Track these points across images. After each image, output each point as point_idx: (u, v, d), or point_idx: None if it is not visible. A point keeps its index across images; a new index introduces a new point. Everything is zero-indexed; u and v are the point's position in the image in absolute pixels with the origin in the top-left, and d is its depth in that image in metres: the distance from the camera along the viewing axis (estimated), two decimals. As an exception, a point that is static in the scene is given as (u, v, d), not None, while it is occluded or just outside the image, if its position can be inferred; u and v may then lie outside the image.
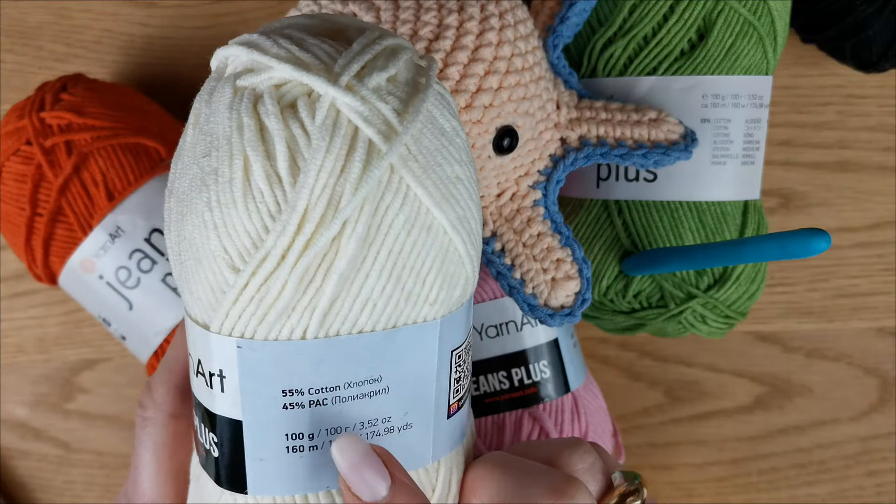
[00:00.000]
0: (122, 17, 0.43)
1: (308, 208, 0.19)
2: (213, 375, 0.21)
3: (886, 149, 0.45)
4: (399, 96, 0.20)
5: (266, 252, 0.19)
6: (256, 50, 0.20)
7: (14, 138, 0.36)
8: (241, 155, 0.19)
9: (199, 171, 0.20)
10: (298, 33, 0.20)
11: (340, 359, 0.20)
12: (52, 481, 0.45)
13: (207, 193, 0.19)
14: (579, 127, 0.34)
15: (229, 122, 0.19)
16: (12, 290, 0.44)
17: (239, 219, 0.19)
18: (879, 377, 0.46)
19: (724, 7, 0.35)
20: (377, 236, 0.20)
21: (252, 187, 0.19)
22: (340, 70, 0.19)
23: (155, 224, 0.36)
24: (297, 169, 0.19)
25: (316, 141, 0.19)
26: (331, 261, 0.19)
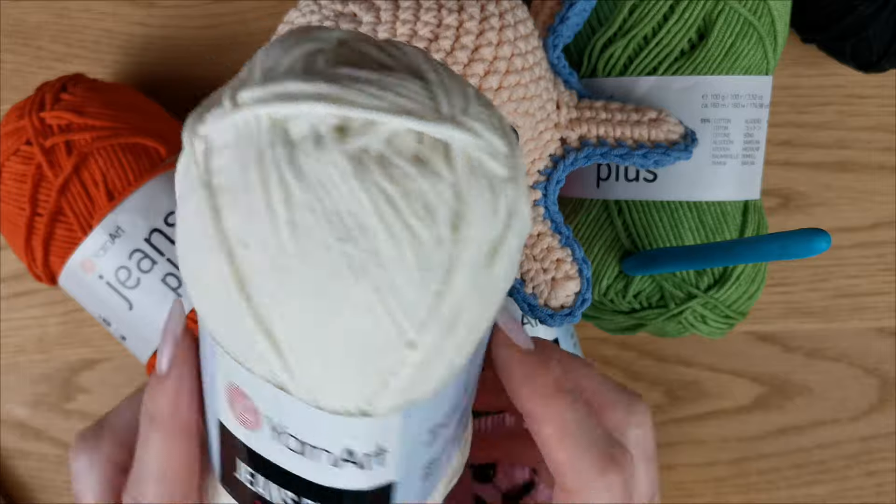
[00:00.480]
0: (121, 17, 0.43)
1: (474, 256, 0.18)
2: (352, 454, 0.20)
3: (886, 149, 0.45)
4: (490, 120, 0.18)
5: (437, 311, 0.18)
6: (345, 105, 0.17)
7: (14, 138, 0.36)
8: (404, 228, 0.17)
9: (340, 257, 0.17)
10: (366, 73, 0.17)
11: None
12: (52, 481, 0.45)
13: (368, 279, 0.17)
14: (579, 127, 0.34)
15: (369, 196, 0.17)
16: (12, 290, 0.44)
17: (413, 294, 0.17)
18: (879, 377, 0.46)
19: (724, 7, 0.35)
20: (498, 263, 0.18)
21: (420, 258, 0.17)
22: (449, 110, 0.17)
23: (155, 224, 0.36)
24: (458, 224, 0.17)
25: (466, 190, 0.17)
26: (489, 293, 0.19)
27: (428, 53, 0.19)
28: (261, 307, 0.18)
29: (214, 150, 0.18)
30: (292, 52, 0.18)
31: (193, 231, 0.18)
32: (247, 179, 0.17)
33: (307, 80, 0.17)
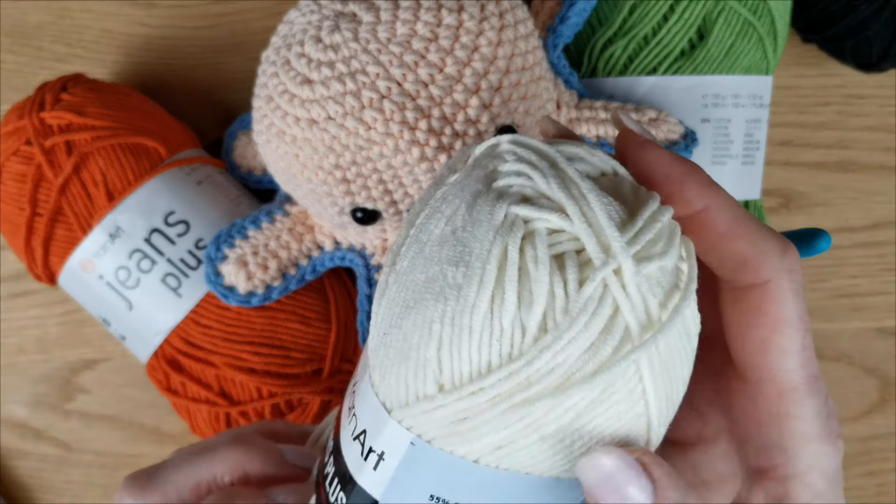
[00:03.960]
0: (122, 17, 0.43)
1: (541, 372, 0.18)
2: (371, 451, 0.21)
3: (886, 149, 0.45)
4: (664, 287, 0.19)
5: (480, 388, 0.18)
6: (545, 194, 0.18)
7: (14, 138, 0.36)
8: (494, 290, 0.18)
9: (440, 274, 0.18)
10: (584, 183, 0.18)
11: (497, 488, 0.20)
12: (52, 481, 0.45)
13: (444, 305, 0.18)
14: (579, 127, 0.34)
15: (491, 249, 0.18)
16: (12, 290, 0.44)
17: (467, 347, 0.18)
18: (879, 377, 0.46)
19: (724, 7, 0.35)
20: (590, 415, 0.19)
21: (493, 324, 0.18)
22: (622, 248, 0.18)
23: (155, 224, 0.36)
24: (546, 329, 0.18)
25: (575, 311, 0.18)
26: (539, 423, 0.19)
27: (665, 206, 0.20)
28: (391, 271, 0.20)
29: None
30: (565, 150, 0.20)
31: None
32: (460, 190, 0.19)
33: (546, 168, 0.19)
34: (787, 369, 0.20)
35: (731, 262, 0.20)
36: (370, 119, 0.29)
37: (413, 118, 0.29)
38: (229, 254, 0.36)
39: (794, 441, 0.21)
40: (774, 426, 0.21)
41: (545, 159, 0.19)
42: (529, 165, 0.19)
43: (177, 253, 0.36)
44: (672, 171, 0.20)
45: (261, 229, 0.36)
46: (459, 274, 0.18)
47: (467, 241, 0.18)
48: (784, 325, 0.20)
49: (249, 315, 0.36)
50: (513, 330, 0.18)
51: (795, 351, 0.20)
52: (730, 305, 0.21)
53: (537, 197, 0.19)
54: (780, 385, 0.20)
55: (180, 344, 0.37)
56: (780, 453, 0.21)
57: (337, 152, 0.31)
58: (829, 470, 0.21)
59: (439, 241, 0.19)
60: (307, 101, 0.30)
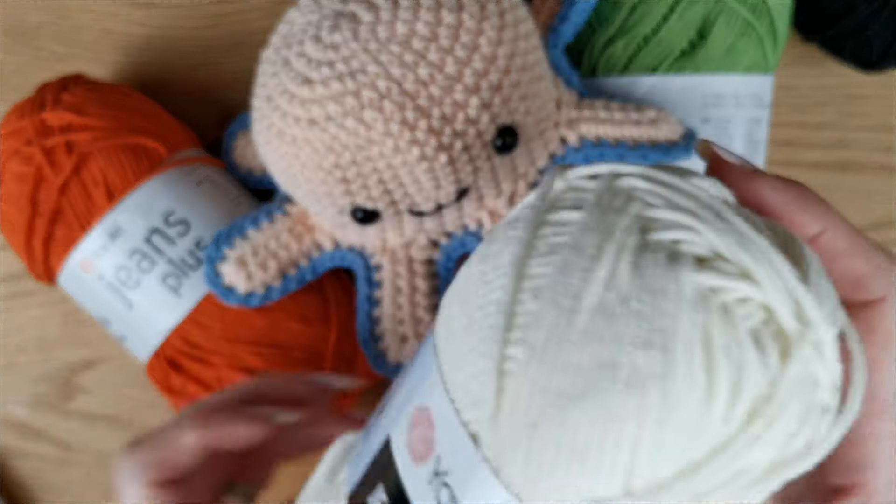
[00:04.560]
0: (121, 17, 0.43)
1: (752, 461, 0.16)
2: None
3: (886, 149, 0.45)
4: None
5: (681, 488, 0.16)
6: (722, 255, 0.16)
7: (14, 139, 0.36)
8: (707, 375, 0.15)
9: (623, 358, 0.15)
10: (761, 238, 0.16)
11: None
12: (52, 481, 0.45)
13: (640, 399, 0.15)
14: (579, 126, 0.34)
15: (691, 329, 0.15)
16: (12, 290, 0.44)
17: (672, 445, 0.16)
18: (880, 377, 0.46)
19: (725, 7, 0.35)
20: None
21: (704, 418, 0.16)
22: (822, 317, 0.16)
23: (155, 224, 0.36)
24: (755, 418, 0.16)
25: (784, 396, 0.16)
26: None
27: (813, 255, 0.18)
28: (513, 360, 0.16)
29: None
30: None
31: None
32: (586, 242, 0.16)
33: (744, 233, 0.16)
34: (886, 389, 0.20)
35: (847, 280, 0.20)
36: (370, 119, 0.29)
37: (413, 118, 0.29)
38: (229, 254, 0.36)
39: (881, 459, 0.21)
40: (867, 445, 0.20)
41: (704, 207, 0.17)
42: (691, 215, 0.16)
43: (177, 253, 0.36)
44: (787, 198, 0.20)
45: (261, 229, 0.36)
46: (655, 361, 0.15)
47: (651, 317, 0.15)
48: (893, 342, 0.20)
49: (249, 315, 0.36)
50: (724, 421, 0.16)
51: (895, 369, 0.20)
52: None
53: (713, 258, 0.16)
54: (878, 404, 0.20)
55: (180, 344, 0.37)
56: (869, 469, 0.21)
57: (336, 152, 0.31)
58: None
59: (601, 311, 0.16)
60: (307, 101, 0.30)
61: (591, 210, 0.17)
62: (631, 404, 0.15)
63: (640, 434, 0.15)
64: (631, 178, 0.17)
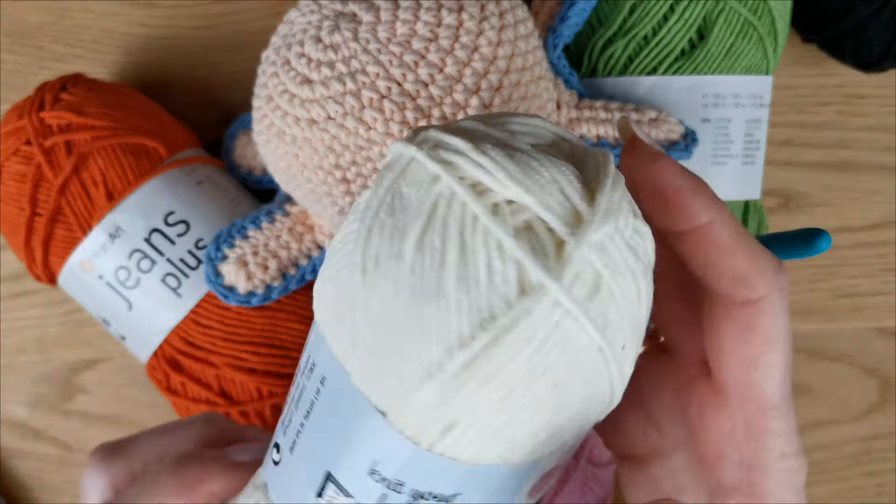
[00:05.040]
0: (121, 17, 0.43)
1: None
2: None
3: (886, 149, 0.45)
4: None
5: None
6: (483, 160, 0.17)
7: (14, 138, 0.36)
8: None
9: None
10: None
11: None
12: (52, 481, 0.45)
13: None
14: (579, 127, 0.34)
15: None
16: (12, 290, 0.44)
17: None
18: (880, 377, 0.46)
19: (725, 7, 0.35)
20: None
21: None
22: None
23: (154, 224, 0.36)
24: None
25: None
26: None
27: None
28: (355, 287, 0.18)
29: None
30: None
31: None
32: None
33: (465, 132, 0.18)
34: (771, 386, 0.20)
35: (728, 276, 0.20)
36: (370, 119, 0.29)
37: (413, 118, 0.29)
38: (229, 254, 0.36)
39: (770, 457, 0.21)
40: (752, 442, 0.21)
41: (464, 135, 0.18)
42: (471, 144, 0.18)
43: (177, 253, 0.36)
44: (681, 184, 0.20)
45: (261, 229, 0.36)
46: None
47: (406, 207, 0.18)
48: (774, 342, 0.20)
49: (249, 315, 0.36)
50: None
51: (781, 368, 0.20)
52: (719, 321, 0.21)
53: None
54: (763, 402, 0.21)
55: (180, 344, 0.37)
56: (756, 469, 0.21)
57: (337, 152, 0.31)
58: (799, 485, 0.21)
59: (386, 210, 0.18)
60: (307, 101, 0.30)
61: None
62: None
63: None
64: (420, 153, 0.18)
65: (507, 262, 0.17)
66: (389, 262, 0.17)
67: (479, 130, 0.18)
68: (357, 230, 0.18)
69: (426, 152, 0.18)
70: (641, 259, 0.18)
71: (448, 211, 0.17)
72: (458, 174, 0.17)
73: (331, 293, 0.19)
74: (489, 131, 0.18)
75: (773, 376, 0.20)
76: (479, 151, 0.17)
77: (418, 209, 0.17)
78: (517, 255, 0.17)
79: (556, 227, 0.17)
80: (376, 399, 0.19)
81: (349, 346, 0.19)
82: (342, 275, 0.19)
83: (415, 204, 0.18)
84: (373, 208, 0.18)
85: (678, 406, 0.23)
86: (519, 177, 0.17)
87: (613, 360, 0.18)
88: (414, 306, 0.17)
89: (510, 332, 0.17)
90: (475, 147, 0.17)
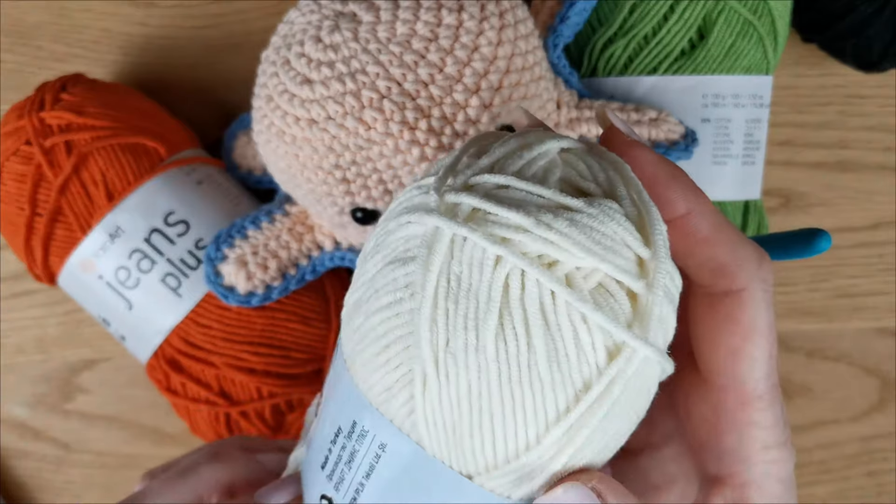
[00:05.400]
0: (121, 17, 0.43)
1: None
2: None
3: (886, 149, 0.45)
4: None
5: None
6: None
7: (14, 138, 0.36)
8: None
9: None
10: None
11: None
12: (52, 481, 0.45)
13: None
14: (580, 126, 0.34)
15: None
16: (12, 290, 0.44)
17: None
18: (880, 377, 0.46)
19: (725, 7, 0.35)
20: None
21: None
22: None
23: (154, 224, 0.36)
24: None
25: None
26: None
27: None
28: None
29: None
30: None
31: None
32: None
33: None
34: (754, 378, 0.20)
35: (708, 267, 0.20)
36: (370, 119, 0.29)
37: (413, 118, 0.29)
38: (229, 254, 0.36)
39: (753, 448, 0.21)
40: (735, 433, 0.21)
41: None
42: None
43: (177, 253, 0.36)
44: (658, 173, 0.20)
45: (261, 229, 0.36)
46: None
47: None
48: (756, 334, 0.20)
49: (249, 315, 0.36)
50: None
51: (764, 360, 0.20)
52: (702, 312, 0.21)
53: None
54: (746, 393, 0.21)
55: (180, 344, 0.37)
56: (740, 461, 0.21)
57: (337, 152, 0.30)
58: (785, 476, 0.21)
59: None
60: (307, 101, 0.30)
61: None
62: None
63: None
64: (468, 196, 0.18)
65: (593, 331, 0.17)
66: (469, 354, 0.17)
67: (518, 190, 0.18)
68: (411, 314, 0.18)
69: (480, 232, 0.17)
70: (670, 257, 0.19)
71: (523, 293, 0.17)
72: (520, 250, 0.17)
73: (384, 374, 0.19)
74: (528, 189, 0.18)
75: (755, 368, 0.20)
76: (543, 226, 0.17)
77: (489, 296, 0.17)
78: (602, 323, 0.17)
79: (630, 284, 0.17)
80: (458, 466, 0.19)
81: (422, 423, 0.19)
82: (400, 357, 0.19)
83: (482, 289, 0.17)
84: (428, 294, 0.17)
85: (668, 398, 0.23)
86: (589, 245, 0.17)
87: (669, 364, 0.19)
88: (504, 391, 0.17)
89: (603, 397, 0.17)
90: (538, 222, 0.17)
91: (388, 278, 0.19)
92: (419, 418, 0.19)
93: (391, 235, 0.19)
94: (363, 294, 0.19)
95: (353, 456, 0.21)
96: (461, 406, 0.18)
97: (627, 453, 0.25)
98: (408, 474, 0.20)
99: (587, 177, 0.19)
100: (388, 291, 0.18)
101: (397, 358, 0.19)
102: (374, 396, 0.20)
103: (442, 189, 0.18)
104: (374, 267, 0.19)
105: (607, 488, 0.19)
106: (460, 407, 0.18)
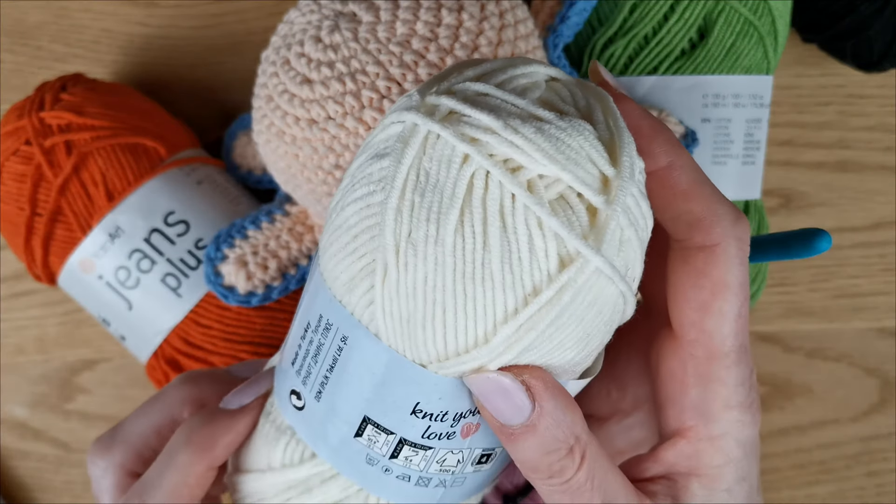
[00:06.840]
0: (121, 17, 0.43)
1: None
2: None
3: (886, 149, 0.45)
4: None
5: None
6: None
7: (14, 138, 0.36)
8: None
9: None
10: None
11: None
12: (51, 481, 0.45)
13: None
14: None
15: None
16: (12, 290, 0.44)
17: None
18: (880, 377, 0.46)
19: (725, 7, 0.35)
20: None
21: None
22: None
23: (154, 224, 0.36)
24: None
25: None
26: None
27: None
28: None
29: None
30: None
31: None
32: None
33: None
34: (722, 333, 0.21)
35: (684, 221, 0.21)
36: (370, 119, 0.29)
37: (413, 118, 0.29)
38: (229, 254, 0.36)
39: (715, 405, 0.21)
40: (699, 387, 0.21)
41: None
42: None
43: (176, 253, 0.36)
44: (642, 125, 0.20)
45: (261, 229, 0.36)
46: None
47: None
48: (727, 289, 0.20)
49: (249, 315, 0.36)
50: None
51: (732, 317, 0.21)
52: (676, 265, 0.21)
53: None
54: (713, 348, 0.21)
55: (180, 344, 0.37)
56: (700, 415, 0.21)
57: (337, 152, 0.31)
58: (745, 439, 0.21)
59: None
60: (307, 101, 0.30)
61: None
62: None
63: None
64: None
65: (548, 237, 0.18)
66: (427, 246, 0.18)
67: (495, 98, 0.19)
68: (380, 205, 0.19)
69: (452, 130, 0.18)
70: (644, 192, 0.19)
71: (485, 192, 0.18)
72: (487, 151, 0.18)
73: (349, 264, 0.20)
74: (504, 98, 0.18)
75: (723, 324, 0.20)
76: (510, 130, 0.17)
77: (454, 192, 0.18)
78: (556, 230, 0.18)
79: (590, 198, 0.18)
80: (413, 356, 0.20)
81: (380, 313, 0.20)
82: (365, 247, 0.19)
83: (447, 185, 0.18)
84: (397, 186, 0.18)
85: (643, 363, 0.23)
86: (552, 153, 0.17)
87: (629, 292, 0.19)
88: (457, 285, 0.18)
89: (552, 304, 0.18)
90: (505, 125, 0.18)
91: (365, 172, 0.20)
92: (377, 308, 0.19)
93: (375, 136, 0.20)
94: (343, 190, 0.20)
95: (319, 349, 0.22)
96: (416, 297, 0.19)
97: (597, 419, 0.25)
98: (368, 364, 0.21)
99: (567, 101, 0.19)
100: (364, 184, 0.19)
101: (363, 248, 0.19)
102: (338, 287, 0.20)
103: (426, 92, 0.19)
104: (355, 163, 0.20)
105: (539, 382, 0.19)
106: (416, 298, 0.19)
